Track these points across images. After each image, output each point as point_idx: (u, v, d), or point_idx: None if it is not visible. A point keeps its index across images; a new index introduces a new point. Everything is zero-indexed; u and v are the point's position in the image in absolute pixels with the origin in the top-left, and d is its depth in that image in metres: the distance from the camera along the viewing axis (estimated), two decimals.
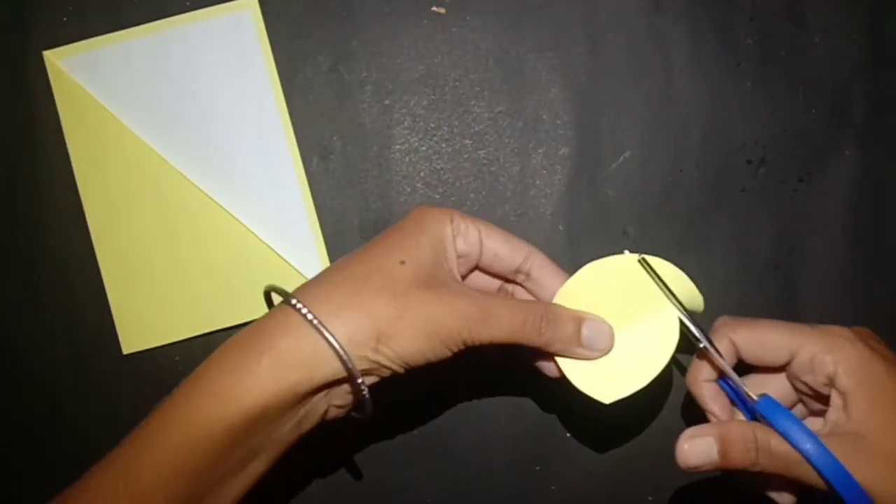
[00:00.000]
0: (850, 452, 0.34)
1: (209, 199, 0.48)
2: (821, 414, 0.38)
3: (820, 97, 0.49)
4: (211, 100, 0.49)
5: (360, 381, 0.36)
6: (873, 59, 0.49)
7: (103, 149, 0.48)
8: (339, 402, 0.38)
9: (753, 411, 0.38)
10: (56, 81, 0.48)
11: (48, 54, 0.48)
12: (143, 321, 0.48)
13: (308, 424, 0.38)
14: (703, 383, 0.40)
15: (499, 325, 0.37)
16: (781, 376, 0.39)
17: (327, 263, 0.48)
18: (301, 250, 0.48)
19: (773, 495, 0.38)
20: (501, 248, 0.40)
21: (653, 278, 0.40)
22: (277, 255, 0.48)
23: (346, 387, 0.37)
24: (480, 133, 0.49)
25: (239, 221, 0.48)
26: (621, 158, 0.49)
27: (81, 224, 0.48)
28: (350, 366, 0.35)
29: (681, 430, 0.47)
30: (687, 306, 0.40)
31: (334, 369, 0.36)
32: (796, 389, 0.39)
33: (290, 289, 0.37)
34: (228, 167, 0.49)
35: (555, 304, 0.40)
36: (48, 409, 0.49)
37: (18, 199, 0.49)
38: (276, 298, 0.38)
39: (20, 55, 0.49)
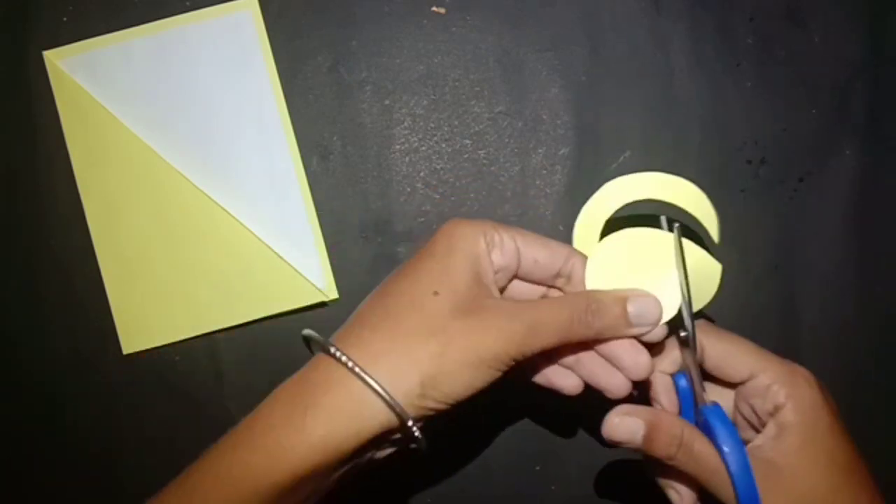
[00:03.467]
0: (766, 479, 0.35)
1: (209, 199, 0.48)
2: (744, 442, 0.39)
3: (820, 97, 0.49)
4: (211, 100, 0.49)
5: (410, 424, 0.35)
6: (873, 59, 0.49)
7: (103, 149, 0.48)
8: (387, 448, 0.37)
9: (697, 414, 0.38)
10: (56, 81, 0.48)
11: (48, 54, 0.48)
12: (143, 321, 0.48)
13: (354, 471, 0.37)
14: (659, 373, 0.39)
15: (546, 332, 0.36)
16: (728, 394, 0.40)
17: (327, 263, 0.48)
18: (301, 250, 0.48)
19: (672, 493, 0.39)
20: (540, 254, 0.39)
21: (678, 252, 0.39)
22: (277, 255, 0.48)
23: (395, 433, 0.36)
24: (480, 133, 0.49)
25: (239, 221, 0.48)
26: (621, 158, 0.49)
27: (81, 224, 0.48)
28: (402, 415, 0.35)
29: None
30: (696, 290, 0.40)
31: (381, 422, 0.35)
32: (738, 408, 0.39)
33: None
34: (228, 167, 0.49)
35: (594, 291, 0.39)
36: (48, 409, 0.49)
37: (18, 199, 0.49)
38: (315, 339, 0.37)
39: (20, 55, 0.49)
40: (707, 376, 0.39)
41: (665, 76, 0.49)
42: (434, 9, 0.49)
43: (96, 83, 0.49)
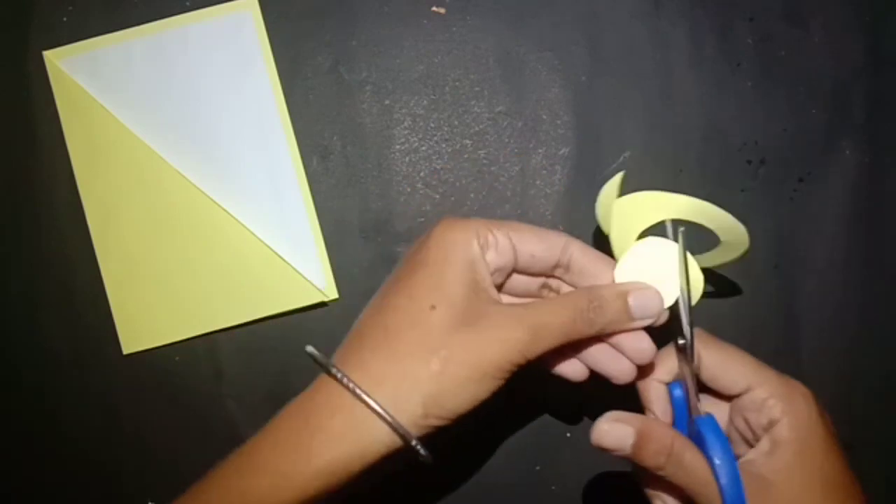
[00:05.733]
0: (756, 495, 0.35)
1: (209, 199, 0.48)
2: (736, 457, 0.38)
3: (820, 97, 0.49)
4: (211, 100, 0.49)
5: (414, 443, 0.35)
6: (873, 59, 0.49)
7: (103, 149, 0.48)
8: (391, 466, 0.37)
9: (691, 425, 0.38)
10: (56, 81, 0.48)
11: (48, 54, 0.48)
12: (143, 321, 0.48)
13: (361, 485, 0.37)
14: (653, 381, 0.39)
15: (550, 335, 0.36)
16: (723, 406, 0.39)
17: (327, 263, 0.48)
18: (301, 250, 0.48)
19: (658, 503, 0.38)
20: (536, 248, 0.38)
21: (681, 258, 0.39)
22: (277, 255, 0.48)
23: (400, 452, 0.36)
24: (480, 133, 0.49)
25: (239, 221, 0.48)
26: (621, 158, 0.49)
27: (81, 224, 0.48)
28: (406, 437, 0.35)
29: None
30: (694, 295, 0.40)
31: (386, 444, 0.35)
32: (732, 420, 0.39)
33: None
34: (228, 167, 0.49)
35: (595, 287, 0.38)
36: (48, 409, 0.49)
37: (18, 199, 0.49)
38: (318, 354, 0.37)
39: (20, 55, 0.49)
40: (703, 387, 0.39)
41: (665, 76, 0.49)
42: (434, 9, 0.49)
43: (96, 83, 0.49)
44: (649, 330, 0.38)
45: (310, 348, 0.37)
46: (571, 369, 0.39)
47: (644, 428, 0.36)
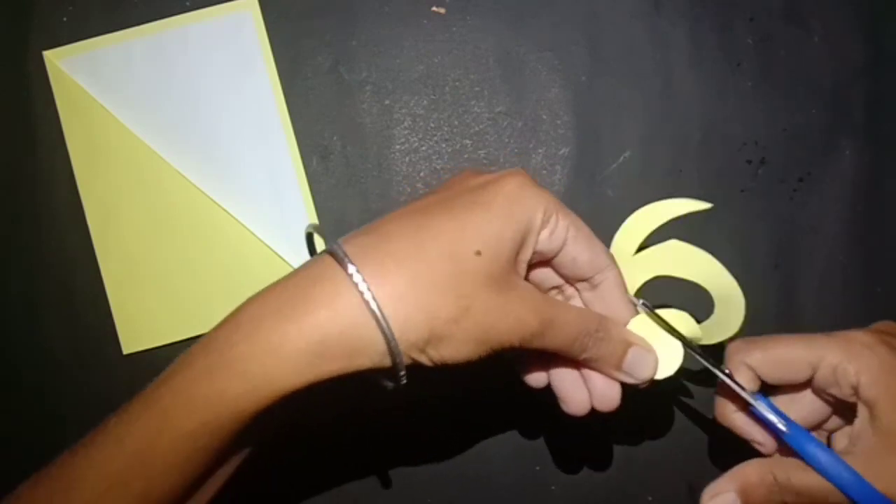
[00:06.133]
0: (881, 469, 0.33)
1: (209, 199, 0.48)
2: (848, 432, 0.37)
3: (820, 97, 0.49)
4: (211, 100, 0.49)
5: (401, 374, 0.33)
6: (873, 59, 0.49)
7: (103, 149, 0.48)
8: (344, 388, 0.34)
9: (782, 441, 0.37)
10: (56, 81, 0.48)
11: (48, 54, 0.48)
12: (143, 321, 0.48)
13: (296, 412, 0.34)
14: (734, 415, 0.38)
15: (553, 338, 0.35)
16: (806, 396, 0.38)
17: None
18: (301, 251, 0.48)
19: None
20: (582, 255, 0.37)
21: (663, 327, 0.38)
22: (277, 255, 0.48)
23: (378, 371, 0.34)
24: (480, 133, 0.49)
25: (239, 221, 0.48)
26: (621, 158, 0.49)
27: (81, 224, 0.48)
28: (398, 364, 0.33)
29: (683, 430, 0.47)
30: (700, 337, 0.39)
31: (374, 361, 0.33)
32: (826, 402, 0.38)
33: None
34: (228, 167, 0.49)
35: (609, 320, 0.37)
36: (48, 410, 0.49)
37: (18, 199, 0.49)
38: (318, 242, 0.34)
39: (20, 55, 0.49)
40: (779, 388, 0.38)
41: (665, 76, 0.49)
42: (434, 9, 0.49)
43: (96, 83, 0.49)
44: None
45: (310, 228, 0.34)
46: (534, 375, 0.39)
47: (741, 483, 0.35)
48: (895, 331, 0.37)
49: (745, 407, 0.38)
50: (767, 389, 0.38)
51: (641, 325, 0.38)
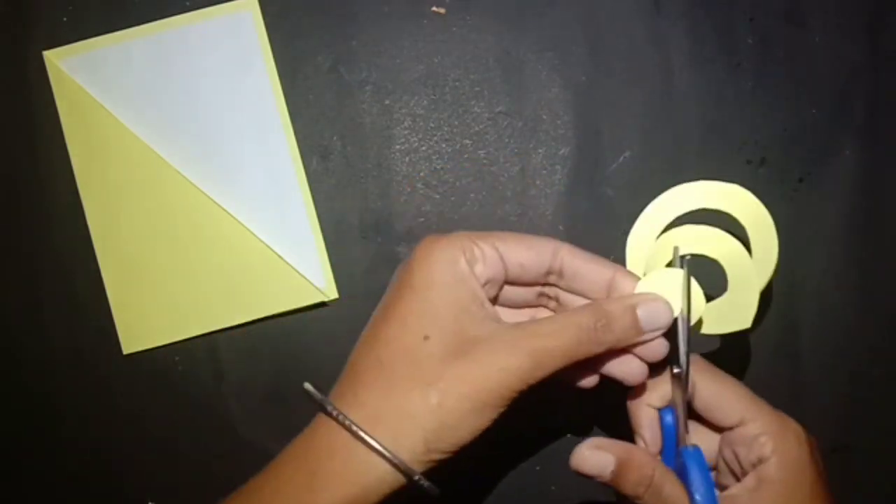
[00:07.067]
0: None
1: (209, 199, 0.48)
2: (721, 488, 0.38)
3: (820, 97, 0.49)
4: (211, 100, 0.49)
5: (417, 479, 0.34)
6: (873, 59, 0.49)
7: (103, 149, 0.48)
8: (396, 500, 0.36)
9: (678, 454, 0.37)
10: (56, 81, 0.48)
11: (48, 54, 0.49)
12: (143, 321, 0.48)
13: None
14: (645, 406, 0.38)
15: (553, 359, 0.35)
16: (713, 437, 0.39)
17: (327, 263, 0.48)
18: (301, 250, 0.48)
19: None
20: (524, 257, 0.37)
21: (685, 285, 0.38)
22: (277, 255, 0.48)
23: (404, 488, 0.36)
24: (480, 133, 0.49)
25: (239, 221, 0.48)
26: (621, 158, 0.49)
27: (81, 224, 0.48)
28: (409, 474, 0.34)
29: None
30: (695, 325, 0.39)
31: (389, 483, 0.34)
32: (720, 454, 0.38)
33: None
34: (228, 167, 0.49)
35: (601, 303, 0.37)
36: (48, 409, 0.49)
37: (18, 199, 0.49)
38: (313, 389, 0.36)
39: (20, 55, 0.49)
40: (695, 416, 0.39)
41: (665, 76, 0.49)
42: (434, 9, 0.49)
43: (96, 83, 0.49)
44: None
45: (307, 385, 0.36)
46: (584, 381, 0.39)
47: (625, 456, 0.35)
48: (817, 448, 0.37)
49: (660, 407, 0.38)
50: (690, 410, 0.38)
51: (648, 285, 0.38)
